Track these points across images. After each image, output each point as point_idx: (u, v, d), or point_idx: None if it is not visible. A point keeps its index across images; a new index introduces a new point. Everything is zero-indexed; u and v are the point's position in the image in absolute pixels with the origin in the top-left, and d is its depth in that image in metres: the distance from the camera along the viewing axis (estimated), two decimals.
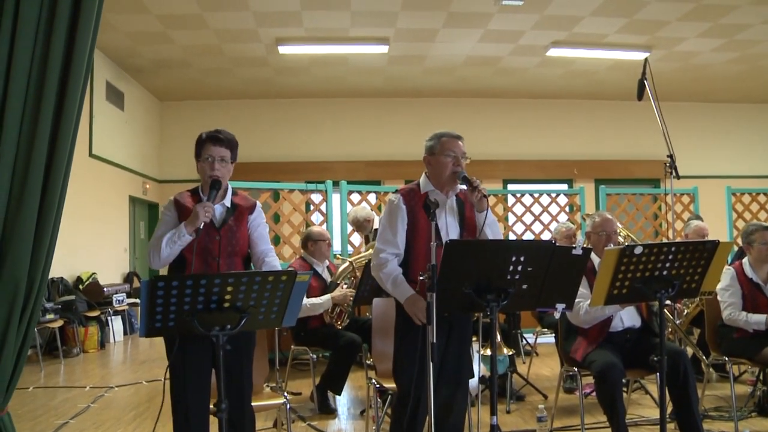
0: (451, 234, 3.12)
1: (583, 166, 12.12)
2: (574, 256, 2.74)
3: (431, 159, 3.18)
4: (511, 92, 11.71)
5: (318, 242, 5.23)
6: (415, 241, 3.11)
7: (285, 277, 2.42)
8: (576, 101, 12.25)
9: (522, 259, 2.65)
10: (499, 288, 2.68)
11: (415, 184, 3.25)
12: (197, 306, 2.33)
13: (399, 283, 3.05)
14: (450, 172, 3.11)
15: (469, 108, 11.99)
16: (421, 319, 2.93)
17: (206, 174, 3.01)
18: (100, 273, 8.96)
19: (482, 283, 2.66)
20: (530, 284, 2.71)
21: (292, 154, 11.70)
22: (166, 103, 11.82)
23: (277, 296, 2.44)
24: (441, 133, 3.19)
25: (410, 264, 3.10)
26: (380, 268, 3.11)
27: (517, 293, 2.71)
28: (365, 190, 7.54)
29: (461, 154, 3.14)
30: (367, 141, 11.85)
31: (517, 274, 2.68)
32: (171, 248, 2.88)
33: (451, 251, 2.60)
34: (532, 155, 12.08)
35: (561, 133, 12.21)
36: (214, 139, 3.03)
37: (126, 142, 10.32)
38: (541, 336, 6.43)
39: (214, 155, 3.01)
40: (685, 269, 2.96)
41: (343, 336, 4.84)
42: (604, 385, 3.45)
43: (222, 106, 11.78)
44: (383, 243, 3.12)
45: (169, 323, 2.35)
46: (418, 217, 3.11)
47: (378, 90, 11.46)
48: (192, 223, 2.88)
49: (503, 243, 3.35)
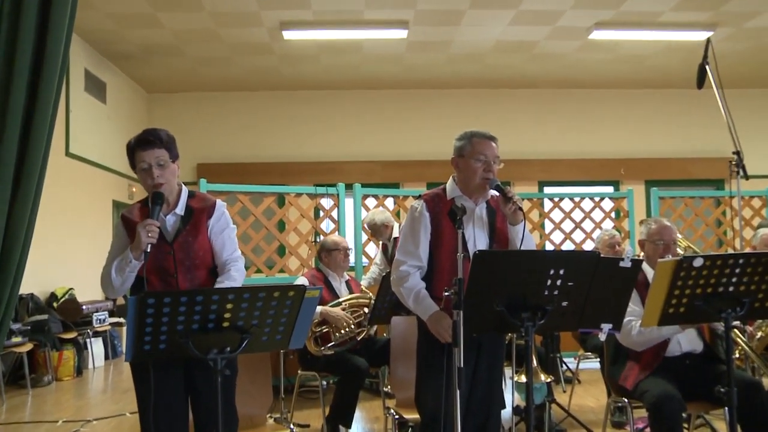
0: (479, 246, 3.15)
1: (632, 166, 12.08)
2: (622, 269, 2.74)
3: (460, 161, 3.22)
4: (547, 81, 11.70)
5: (332, 252, 5.27)
6: (439, 252, 3.14)
7: (292, 292, 2.44)
8: (623, 91, 12.20)
9: (561, 272, 2.65)
10: (536, 305, 2.68)
11: (441, 189, 3.28)
12: (192, 326, 2.36)
13: (422, 299, 3.10)
14: (480, 179, 3.15)
15: (499, 100, 12.00)
16: (446, 337, 2.96)
17: (147, 185, 2.97)
18: (78, 288, 8.94)
19: (516, 300, 2.66)
20: (571, 301, 2.72)
21: (298, 154, 11.75)
22: (154, 95, 11.92)
23: (283, 314, 2.47)
24: (472, 133, 3.23)
25: (434, 278, 3.14)
26: (401, 282, 3.15)
27: (556, 311, 2.71)
28: (382, 194, 7.56)
29: (494, 158, 3.17)
30: (384, 139, 11.89)
31: (556, 290, 2.68)
32: (121, 276, 2.90)
33: (480, 263, 2.61)
34: (572, 153, 12.05)
35: (606, 127, 12.17)
36: (143, 142, 2.97)
37: (108, 140, 10.38)
38: (584, 361, 6.39)
39: (149, 161, 2.95)
40: (757, 285, 2.92)
41: (348, 360, 4.87)
42: (661, 420, 3.40)
43: (218, 99, 11.87)
44: (404, 254, 3.17)
45: (159, 345, 2.38)
46: (443, 226, 3.15)
47: (396, 81, 11.49)
48: (136, 248, 2.86)
49: (539, 254, 3.36)
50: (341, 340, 4.93)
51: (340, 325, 4.91)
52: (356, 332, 5.02)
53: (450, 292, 2.74)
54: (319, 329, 4.93)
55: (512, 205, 3.04)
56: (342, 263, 5.29)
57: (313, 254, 7.00)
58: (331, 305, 4.97)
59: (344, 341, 4.94)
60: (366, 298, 5.15)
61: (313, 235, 7.14)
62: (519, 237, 3.14)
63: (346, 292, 5.25)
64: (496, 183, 3.12)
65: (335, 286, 5.25)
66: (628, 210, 8.19)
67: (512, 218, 3.12)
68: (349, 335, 4.96)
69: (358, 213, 7.15)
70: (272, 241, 7.00)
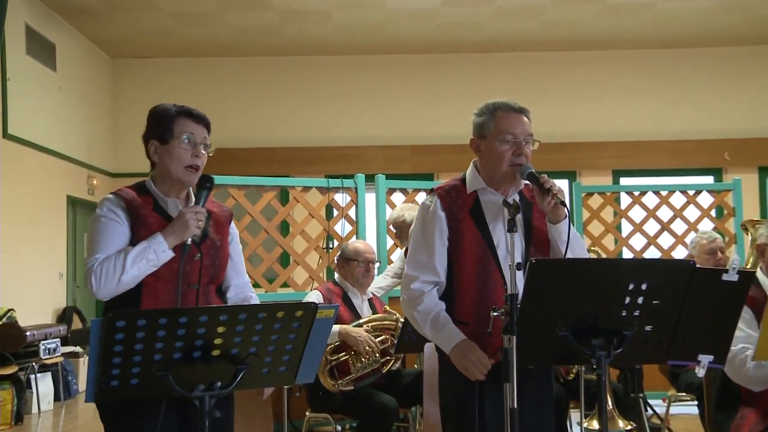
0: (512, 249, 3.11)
1: (740, 148, 11.94)
2: (727, 283, 2.71)
3: (481, 144, 3.23)
4: (624, 40, 11.61)
5: (350, 263, 5.32)
6: (461, 263, 3.15)
7: (300, 312, 2.44)
8: (730, 49, 12.07)
9: (644, 286, 2.64)
10: (611, 329, 2.67)
11: (458, 180, 3.30)
12: (174, 355, 2.35)
13: (442, 324, 3.09)
14: (508, 165, 3.15)
15: (560, 66, 11.95)
16: (477, 374, 2.97)
17: (182, 162, 3.06)
18: (21, 310, 8.84)
19: (585, 323, 2.66)
20: (657, 324, 2.71)
21: (306, 137, 11.76)
22: (120, 61, 11.97)
23: (288, 340, 2.47)
24: (495, 105, 3.25)
25: (455, 297, 3.15)
26: (413, 305, 3.15)
27: (638, 338, 2.70)
28: (412, 188, 7.47)
29: (525, 136, 3.17)
30: (414, 117, 11.86)
31: (637, 309, 2.67)
32: (139, 269, 2.88)
33: (538, 275, 2.61)
34: (659, 133, 11.91)
35: (704, 98, 12.06)
36: (193, 113, 3.13)
37: (61, 118, 10.39)
38: (677, 403, 6.34)
39: (196, 137, 3.09)
40: None
41: (372, 398, 4.87)
42: None
43: (203, 66, 11.91)
44: (416, 267, 3.18)
45: (131, 381, 2.37)
46: (464, 228, 3.16)
47: (428, 43, 11.46)
48: (178, 234, 2.92)
49: (616, 263, 3.33)
50: (363, 372, 4.94)
51: (363, 351, 4.91)
52: (381, 362, 5.01)
53: (499, 312, 2.73)
54: (336, 357, 4.92)
55: (551, 199, 3.01)
56: (361, 278, 5.33)
57: (324, 264, 7.04)
58: (353, 325, 5.00)
59: (366, 374, 4.95)
60: (392, 319, 5.15)
61: (325, 240, 7.08)
62: (563, 239, 3.11)
63: (369, 313, 5.27)
64: (529, 170, 3.09)
65: (356, 303, 5.28)
66: (734, 206, 8.14)
67: (552, 215, 3.10)
68: (373, 366, 4.95)
69: (381, 211, 7.06)
70: (273, 247, 7.01)
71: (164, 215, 3.05)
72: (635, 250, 8.22)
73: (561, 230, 3.13)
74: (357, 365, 4.90)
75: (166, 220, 3.01)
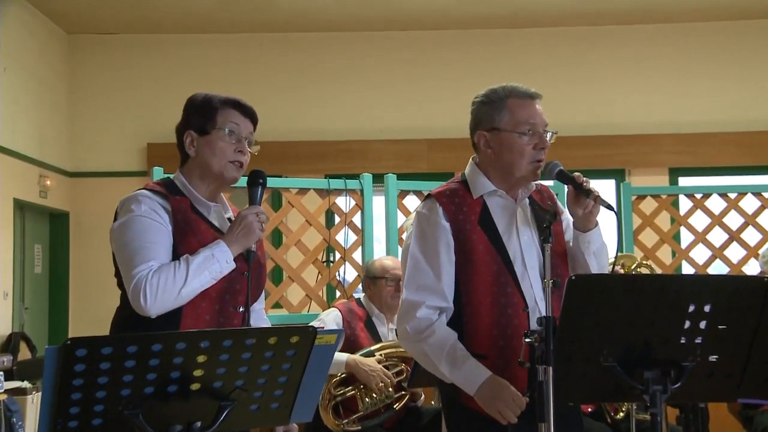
0: (529, 261, 3.21)
1: None
2: None
3: (492, 138, 3.27)
4: (684, 11, 11.49)
5: (376, 281, 5.43)
6: (472, 284, 3.18)
7: (296, 337, 2.44)
8: None
9: (707, 307, 2.65)
10: (667, 360, 2.68)
11: (457, 182, 3.40)
12: (145, 389, 2.35)
13: (461, 359, 3.09)
14: (530, 162, 3.20)
15: (606, 43, 11.84)
16: (511, 417, 2.96)
17: (224, 156, 3.24)
18: None
19: (635, 351, 2.66)
20: (724, 354, 2.71)
21: (302, 129, 11.68)
22: (78, 37, 11.89)
23: (282, 371, 2.48)
24: (505, 90, 3.31)
25: (465, 326, 3.18)
26: (421, 337, 3.15)
27: (700, 370, 2.70)
28: (428, 190, 7.40)
29: (543, 125, 3.24)
30: (431, 105, 11.79)
31: (699, 336, 2.67)
32: (200, 282, 2.98)
33: (577, 294, 2.61)
34: (727, 123, 11.74)
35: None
36: (238, 105, 3.33)
37: (6, 105, 10.27)
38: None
39: (242, 130, 3.32)
40: None
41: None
42: None
43: (178, 44, 11.86)
44: (418, 290, 3.20)
45: (93, 421, 2.36)
46: (474, 242, 3.19)
47: (448, 18, 11.41)
48: (242, 242, 3.07)
49: (674, 280, 3.33)
50: (373, 409, 4.98)
51: (374, 386, 4.94)
52: (395, 398, 5.05)
53: (532, 339, 2.73)
54: (341, 392, 4.98)
55: (594, 202, 3.06)
56: (391, 299, 5.37)
57: (324, 281, 7.04)
58: (360, 354, 5.03)
59: (377, 411, 5.00)
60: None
61: (324, 252, 7.09)
62: (591, 249, 3.18)
63: (392, 337, 5.34)
64: (558, 168, 3.16)
65: (381, 332, 5.36)
66: None
67: (584, 221, 3.16)
68: (385, 402, 5.01)
69: (392, 218, 7.05)
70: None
71: (205, 221, 3.17)
72: (697, 264, 8.15)
73: (591, 239, 3.19)
74: (366, 401, 4.98)
75: (210, 227, 3.14)
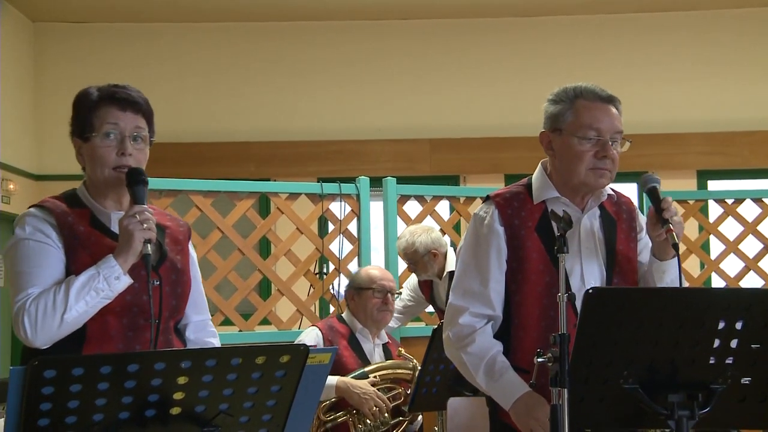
0: (589, 281, 3.28)
1: None
2: None
3: (555, 139, 3.33)
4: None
5: (362, 293, 5.41)
6: (522, 293, 3.27)
7: (286, 357, 2.47)
8: None
9: (739, 325, 2.66)
10: (694, 382, 2.70)
11: (522, 185, 3.44)
12: (119, 414, 2.37)
13: (500, 371, 3.19)
14: (588, 169, 3.24)
15: (629, 33, 11.83)
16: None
17: (105, 164, 3.09)
18: None
19: (659, 373, 2.70)
20: (757, 376, 2.74)
21: (291, 128, 11.67)
22: (44, 26, 11.94)
23: (271, 394, 2.51)
24: (576, 91, 3.31)
25: (511, 338, 3.27)
26: (462, 344, 3.25)
27: (731, 393, 2.73)
28: (431, 195, 7.54)
29: (613, 133, 3.25)
30: (435, 102, 11.79)
31: (730, 356, 2.70)
32: (87, 303, 2.90)
33: (595, 309, 2.63)
34: (760, 122, 11.75)
35: None
36: (120, 97, 3.13)
37: None
38: None
39: (124, 126, 3.10)
40: None
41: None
42: None
43: (152, 34, 11.84)
44: (465, 296, 3.30)
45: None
46: (529, 249, 3.27)
47: (455, 5, 11.43)
48: (126, 251, 2.92)
49: (702, 294, 3.24)
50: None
51: (367, 411, 5.03)
52: (391, 423, 5.13)
53: (545, 359, 2.75)
54: (332, 417, 5.05)
55: (665, 233, 3.12)
56: (377, 312, 5.41)
57: (317, 295, 7.04)
58: (353, 376, 5.08)
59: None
60: (408, 367, 5.27)
61: (317, 262, 7.16)
62: (665, 280, 3.25)
63: (380, 356, 5.45)
64: (653, 184, 3.21)
65: (366, 349, 5.37)
66: None
67: (660, 249, 3.22)
68: (380, 428, 5.08)
69: (391, 225, 7.13)
70: (250, 273, 6.97)
71: (107, 232, 3.09)
72: (728, 277, 8.14)
73: (666, 269, 3.25)
74: (359, 427, 5.08)
75: (111, 239, 3.04)
